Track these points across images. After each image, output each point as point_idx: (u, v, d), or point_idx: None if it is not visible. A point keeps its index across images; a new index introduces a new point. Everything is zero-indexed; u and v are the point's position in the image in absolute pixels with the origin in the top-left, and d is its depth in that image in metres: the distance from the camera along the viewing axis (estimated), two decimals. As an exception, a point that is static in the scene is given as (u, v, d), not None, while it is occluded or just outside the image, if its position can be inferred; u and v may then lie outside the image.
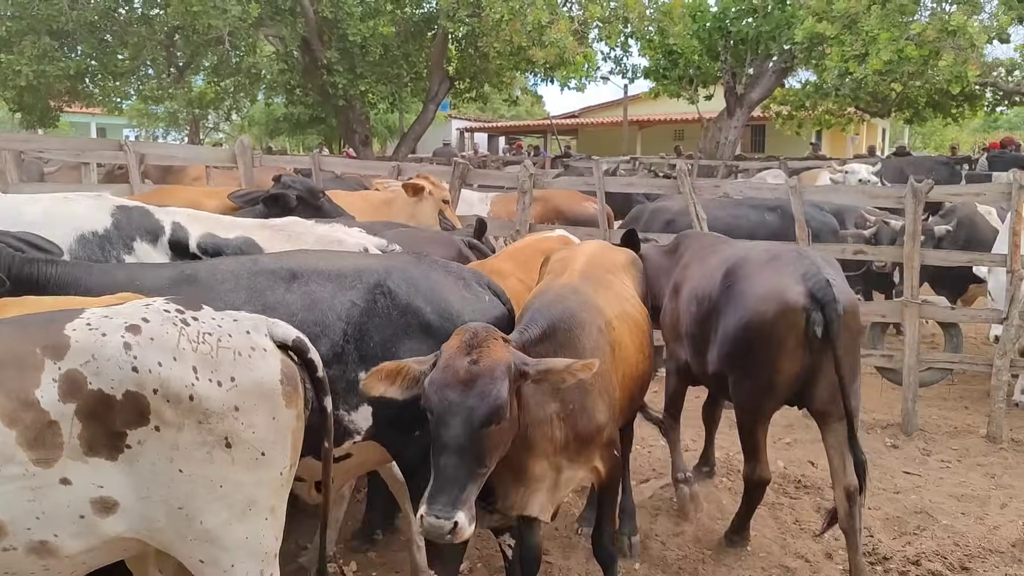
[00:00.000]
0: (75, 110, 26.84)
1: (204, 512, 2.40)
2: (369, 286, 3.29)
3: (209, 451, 2.37)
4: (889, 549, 4.60)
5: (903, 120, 22.74)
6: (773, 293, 4.15)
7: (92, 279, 3.29)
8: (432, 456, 2.84)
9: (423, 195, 6.60)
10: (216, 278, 3.29)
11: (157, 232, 4.15)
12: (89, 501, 2.29)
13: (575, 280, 3.82)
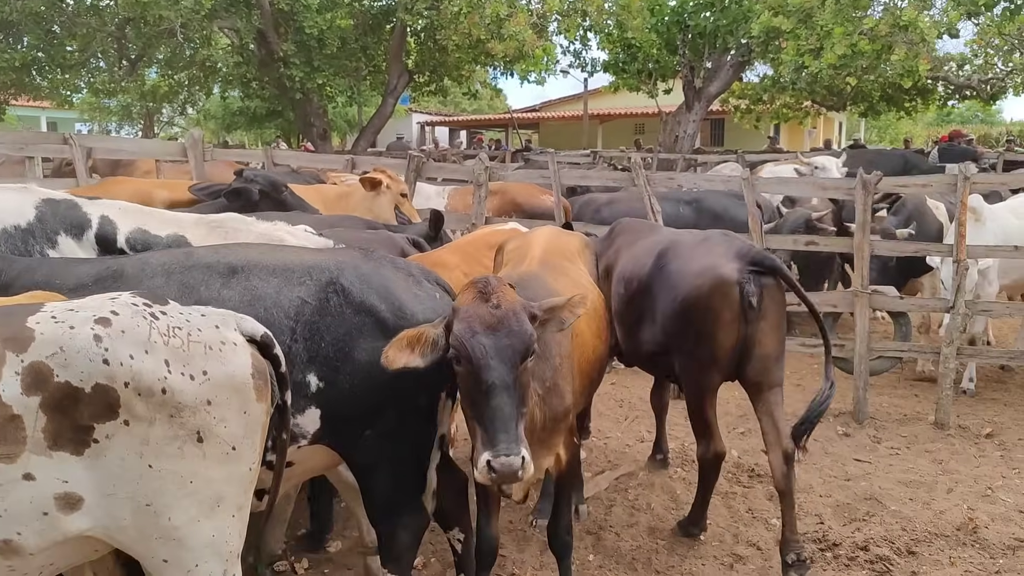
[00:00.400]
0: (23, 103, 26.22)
1: (172, 509, 2.33)
2: (321, 283, 3.15)
3: (180, 446, 2.32)
4: (839, 535, 4.66)
5: (858, 114, 23.06)
6: (708, 269, 4.33)
7: (12, 272, 3.16)
8: (476, 406, 2.88)
9: (380, 189, 6.52)
10: (145, 272, 3.12)
11: (83, 226, 3.96)
12: (53, 497, 2.22)
13: (534, 267, 3.85)
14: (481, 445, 2.84)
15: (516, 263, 3.96)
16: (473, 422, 2.97)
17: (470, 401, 2.95)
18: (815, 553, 4.49)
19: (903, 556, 4.45)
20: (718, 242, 4.55)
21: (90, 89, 22.73)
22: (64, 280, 3.12)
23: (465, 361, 2.88)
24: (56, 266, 3.30)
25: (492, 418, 2.81)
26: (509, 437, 2.77)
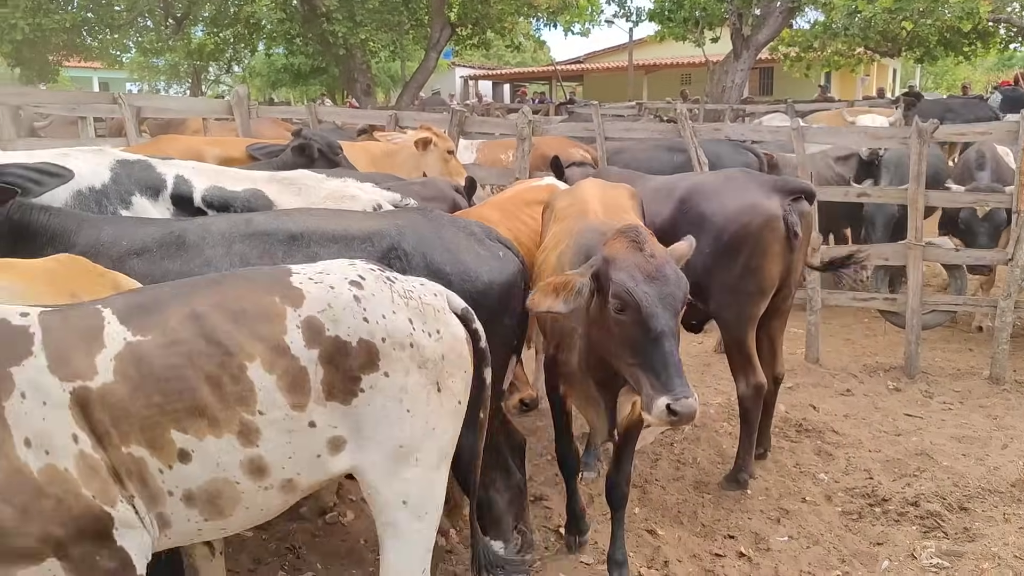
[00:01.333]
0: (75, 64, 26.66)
1: (418, 452, 2.54)
2: (382, 249, 3.17)
3: (427, 396, 2.53)
4: (888, 490, 4.62)
5: (914, 60, 22.28)
6: (753, 206, 4.50)
7: (80, 232, 3.19)
8: (643, 353, 2.92)
9: (429, 147, 6.49)
10: (206, 241, 3.15)
11: (158, 186, 3.92)
12: (326, 441, 2.43)
13: (607, 219, 3.80)
14: (653, 391, 2.87)
15: (579, 215, 3.90)
16: (635, 369, 2.96)
17: (635, 349, 2.95)
18: (864, 508, 4.46)
19: (955, 512, 4.39)
20: (749, 178, 4.79)
21: (138, 48, 23.03)
22: (130, 241, 3.16)
23: (632, 310, 2.91)
24: (122, 226, 3.31)
25: (665, 364, 2.87)
26: (682, 380, 2.85)
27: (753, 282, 4.49)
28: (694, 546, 4.11)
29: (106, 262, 3.00)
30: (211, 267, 3.03)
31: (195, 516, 2.34)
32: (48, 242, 3.10)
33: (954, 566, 3.91)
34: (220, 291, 2.42)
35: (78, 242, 3.13)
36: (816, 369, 6.74)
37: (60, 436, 2.13)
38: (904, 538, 4.16)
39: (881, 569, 3.90)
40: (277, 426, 2.34)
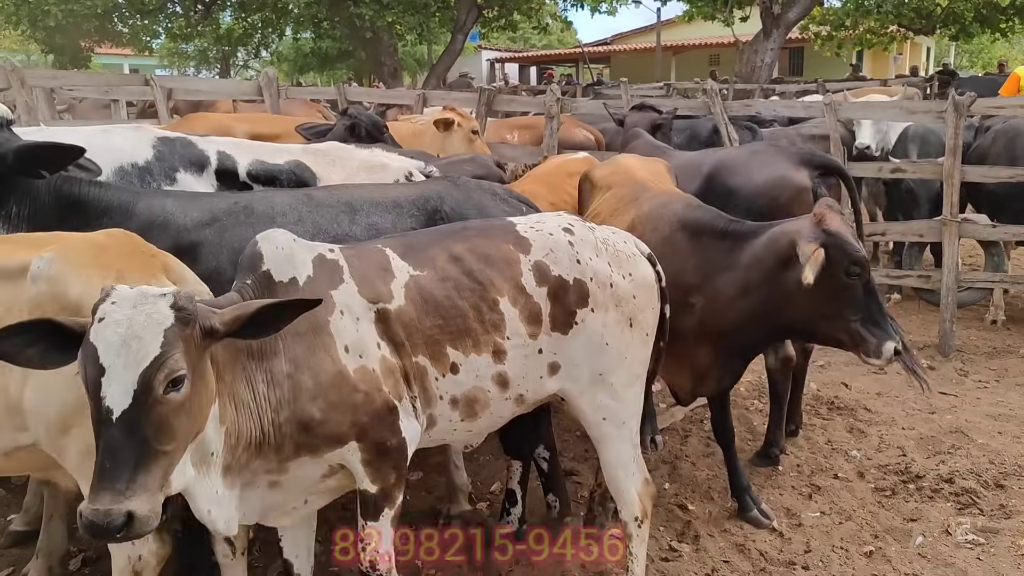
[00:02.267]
0: (106, 50, 26.95)
1: (615, 374, 3.02)
2: (428, 212, 3.50)
3: (622, 328, 3.01)
4: (923, 467, 4.57)
5: (948, 37, 21.83)
6: (783, 179, 4.51)
7: (139, 204, 3.21)
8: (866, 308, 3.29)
9: (452, 128, 6.51)
10: (276, 210, 3.30)
11: (202, 162, 3.95)
12: (547, 365, 2.95)
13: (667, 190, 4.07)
14: (878, 339, 3.25)
15: (631, 185, 4.08)
16: (856, 324, 3.29)
17: (858, 307, 3.29)
18: (897, 485, 4.42)
19: (990, 489, 4.34)
20: (776, 152, 4.85)
21: (168, 34, 23.21)
22: (199, 212, 3.21)
23: (865, 271, 3.27)
24: (185, 198, 3.37)
25: (883, 315, 3.30)
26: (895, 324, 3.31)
27: None
28: (725, 521, 4.10)
29: (177, 231, 3.10)
30: None
31: (455, 417, 2.85)
32: (103, 213, 3.12)
33: (990, 542, 3.87)
34: (467, 239, 2.94)
35: (139, 213, 3.15)
36: (848, 348, 6.67)
37: (370, 344, 2.61)
38: (938, 515, 4.12)
39: (915, 545, 3.86)
40: (518, 350, 2.86)
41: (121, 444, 1.99)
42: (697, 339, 3.63)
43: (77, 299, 2.41)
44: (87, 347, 2.04)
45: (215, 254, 3.16)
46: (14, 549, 3.69)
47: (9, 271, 2.48)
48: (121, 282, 2.47)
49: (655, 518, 4.09)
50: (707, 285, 3.57)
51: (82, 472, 2.51)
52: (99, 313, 2.07)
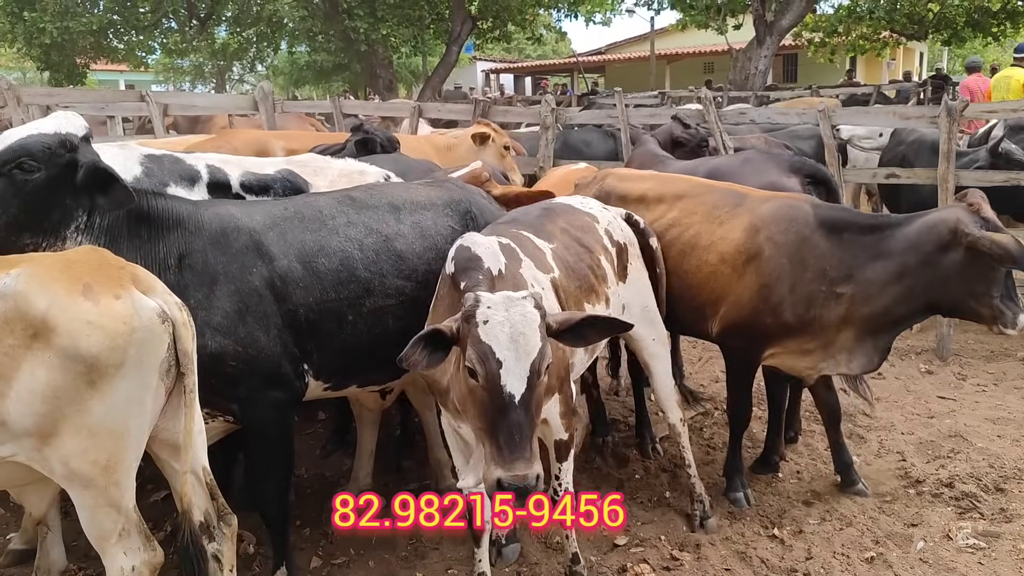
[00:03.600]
0: (102, 67, 27.00)
1: (651, 305, 4.06)
2: (461, 212, 3.83)
3: (640, 271, 4.03)
4: (922, 472, 4.57)
5: (941, 42, 21.98)
6: (774, 187, 4.54)
7: (206, 212, 3.27)
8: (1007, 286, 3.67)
9: (488, 142, 6.48)
10: (324, 214, 3.45)
11: (193, 176, 3.99)
12: (621, 306, 3.81)
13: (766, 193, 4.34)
14: (1012, 312, 3.64)
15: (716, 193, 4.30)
16: (996, 300, 3.65)
17: (1001, 283, 3.65)
18: (897, 490, 4.42)
19: (991, 493, 4.33)
20: (766, 159, 4.99)
21: (163, 50, 23.28)
22: (262, 217, 3.32)
23: (1012, 259, 3.52)
24: (242, 206, 3.46)
25: (1015, 292, 3.69)
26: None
27: None
28: (726, 529, 4.10)
29: (250, 233, 3.24)
30: (337, 235, 3.42)
31: (586, 361, 3.71)
32: (176, 224, 3.16)
33: (991, 546, 3.86)
34: (560, 216, 3.72)
35: (210, 220, 3.21)
36: (846, 353, 6.67)
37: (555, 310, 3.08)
38: (939, 519, 4.11)
39: (916, 550, 3.86)
40: (614, 297, 3.70)
41: (521, 422, 2.49)
42: (843, 324, 3.87)
43: (43, 313, 2.45)
44: (481, 347, 2.50)
45: (285, 254, 3.28)
46: (13, 568, 3.67)
47: None
48: (88, 294, 2.51)
49: (655, 526, 4.10)
50: (857, 275, 3.81)
51: (69, 479, 2.55)
52: (479, 317, 2.53)
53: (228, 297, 3.09)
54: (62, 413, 2.47)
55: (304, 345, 3.31)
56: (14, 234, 2.87)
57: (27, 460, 2.55)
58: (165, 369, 2.67)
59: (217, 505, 2.94)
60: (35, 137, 2.91)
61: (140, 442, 2.66)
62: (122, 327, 2.52)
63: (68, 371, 2.45)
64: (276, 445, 3.28)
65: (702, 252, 4.13)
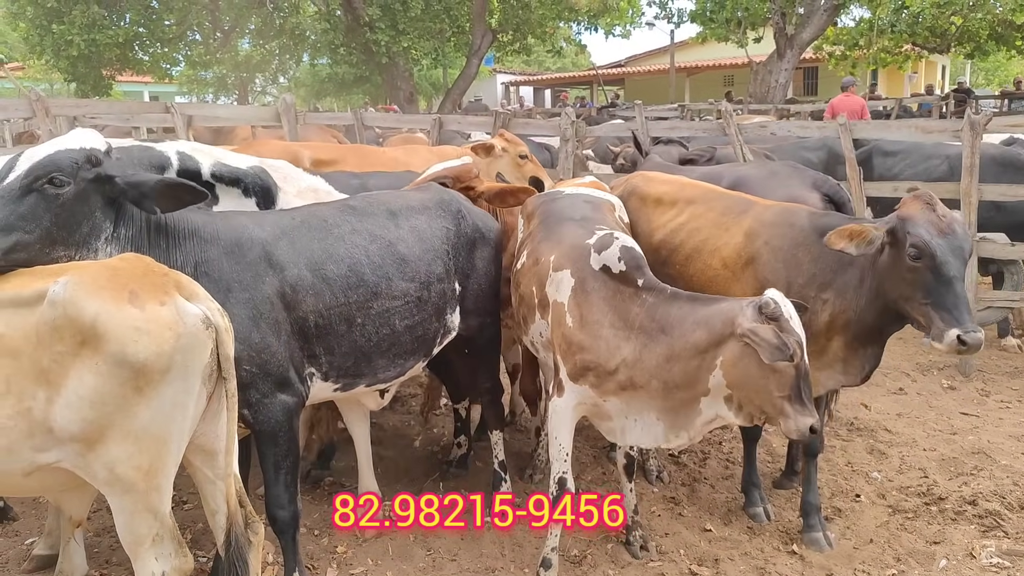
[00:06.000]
0: (127, 78, 27.36)
1: None
2: (453, 212, 3.98)
3: None
4: (945, 489, 4.52)
5: (963, 55, 21.82)
6: (796, 201, 4.48)
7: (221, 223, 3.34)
8: (935, 294, 3.46)
9: (494, 153, 6.30)
10: (328, 223, 3.54)
11: (163, 164, 4.00)
12: None
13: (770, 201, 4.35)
14: (945, 324, 3.41)
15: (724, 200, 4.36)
16: (928, 307, 3.47)
17: (927, 291, 3.46)
18: (919, 507, 4.37)
19: (1015, 511, 4.28)
20: (792, 172, 4.93)
21: (187, 62, 23.52)
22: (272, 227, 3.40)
23: (928, 258, 3.42)
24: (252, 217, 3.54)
25: (956, 303, 3.40)
26: (971, 317, 3.40)
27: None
28: (746, 544, 4.07)
29: (263, 243, 3.31)
30: (344, 242, 3.53)
31: None
32: (191, 233, 3.23)
33: (1015, 566, 3.81)
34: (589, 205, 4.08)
35: (224, 231, 3.29)
36: (867, 368, 6.62)
37: None
38: (962, 537, 4.06)
39: (939, 568, 3.81)
40: None
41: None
42: (830, 331, 3.83)
43: (92, 320, 2.48)
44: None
45: (295, 263, 3.36)
46: (37, 573, 3.71)
47: (27, 299, 2.55)
48: (135, 301, 2.54)
49: (674, 540, 4.07)
50: (836, 280, 3.80)
51: (110, 484, 2.57)
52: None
53: (242, 305, 3.16)
54: (109, 419, 2.50)
55: (313, 349, 3.41)
56: (48, 247, 2.90)
57: (71, 466, 2.58)
58: (207, 374, 2.70)
59: (245, 513, 2.96)
60: (63, 153, 2.95)
61: (181, 448, 2.69)
62: (168, 333, 2.55)
63: (116, 377, 2.48)
64: (286, 448, 3.34)
65: (707, 256, 4.16)
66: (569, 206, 4.13)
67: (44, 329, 2.49)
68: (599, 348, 3.39)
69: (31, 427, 2.50)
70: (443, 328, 3.92)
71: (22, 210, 2.84)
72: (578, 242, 3.64)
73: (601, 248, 3.51)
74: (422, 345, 3.81)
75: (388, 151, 7.09)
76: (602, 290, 3.44)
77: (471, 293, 4.02)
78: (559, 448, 3.56)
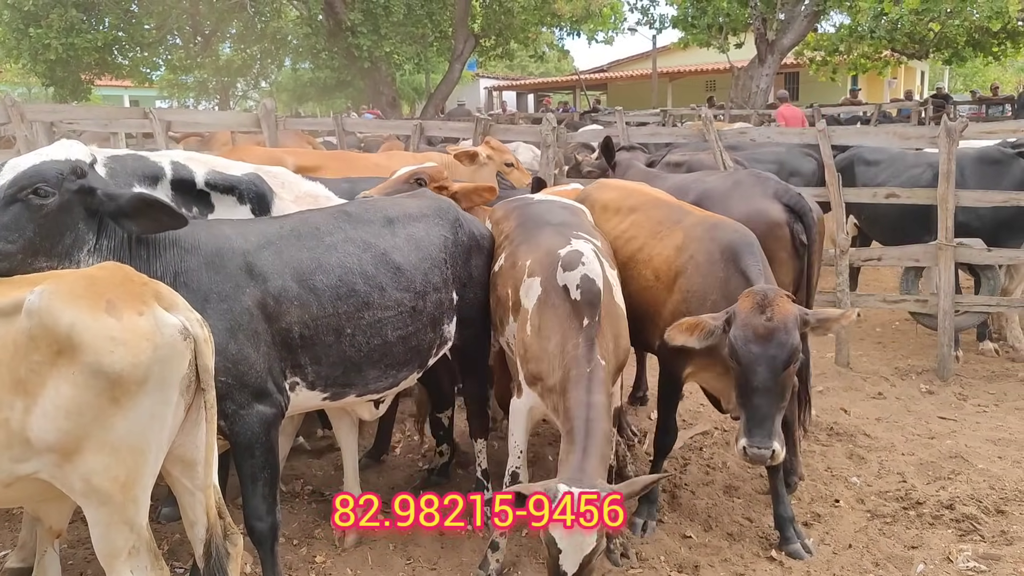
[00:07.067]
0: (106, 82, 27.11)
1: None
2: (450, 220, 3.96)
3: None
4: (923, 494, 4.55)
5: (942, 61, 22.00)
6: (758, 213, 4.54)
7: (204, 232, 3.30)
8: (741, 397, 3.46)
9: (479, 160, 6.24)
10: (321, 231, 3.51)
11: (156, 174, 3.98)
12: None
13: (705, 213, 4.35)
14: (740, 429, 3.45)
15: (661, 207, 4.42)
16: (738, 403, 3.50)
17: (738, 391, 3.49)
18: (897, 511, 4.40)
19: (991, 515, 4.31)
20: (755, 183, 4.86)
21: (168, 66, 23.37)
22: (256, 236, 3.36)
23: (735, 362, 3.42)
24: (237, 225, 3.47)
25: (752, 414, 3.40)
26: (763, 432, 3.37)
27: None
28: (726, 551, 4.07)
29: (244, 254, 3.28)
30: (336, 251, 3.49)
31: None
32: (171, 244, 3.20)
33: (991, 570, 3.84)
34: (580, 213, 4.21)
35: (206, 241, 3.25)
36: (846, 372, 6.68)
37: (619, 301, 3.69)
38: (939, 541, 4.09)
39: (916, 573, 3.84)
40: None
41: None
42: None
43: (68, 329, 2.46)
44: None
45: (279, 273, 3.32)
46: (10, 586, 3.66)
47: (5, 309, 2.53)
48: (112, 310, 2.51)
49: (654, 547, 4.07)
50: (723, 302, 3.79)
51: (87, 495, 2.54)
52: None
53: (220, 315, 3.13)
54: (85, 430, 2.48)
55: (298, 359, 3.37)
56: (30, 257, 2.89)
57: (48, 477, 2.55)
58: (186, 385, 2.68)
59: (224, 524, 2.93)
60: (48, 163, 2.94)
61: (159, 459, 2.67)
62: (145, 344, 2.53)
63: (92, 388, 2.46)
64: (263, 460, 3.30)
65: (641, 265, 4.20)
66: (547, 210, 4.16)
67: (21, 339, 2.47)
68: (543, 363, 3.46)
69: (9, 438, 2.48)
70: (439, 338, 3.88)
71: (5, 220, 2.83)
72: (552, 250, 3.65)
73: (567, 267, 3.51)
74: (416, 356, 3.77)
75: (370, 156, 7.09)
76: (560, 307, 3.46)
77: (467, 303, 4.00)
78: (514, 444, 3.70)
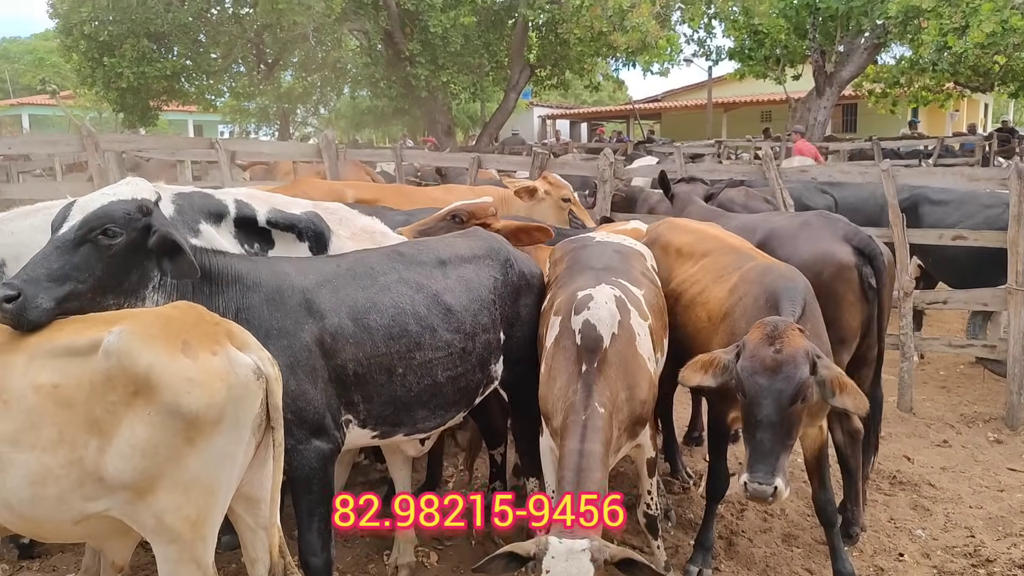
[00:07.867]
0: (172, 108, 27.98)
1: None
2: (501, 261, 3.99)
3: None
4: (993, 551, 4.38)
5: (1007, 94, 21.51)
6: (825, 255, 4.50)
7: (264, 270, 3.39)
8: (747, 430, 3.35)
9: (537, 196, 6.22)
10: (376, 271, 3.57)
11: (221, 212, 4.09)
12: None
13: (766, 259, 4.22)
14: (745, 465, 3.31)
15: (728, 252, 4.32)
16: (747, 437, 3.38)
17: (744, 425, 3.40)
18: (966, 569, 4.25)
19: (1066, 576, 4.14)
20: (823, 224, 4.77)
21: (231, 93, 23.99)
22: (315, 275, 3.45)
23: (741, 394, 3.34)
24: (296, 264, 3.57)
25: (756, 448, 3.27)
26: (766, 468, 3.22)
27: (832, 332, 4.16)
28: (783, 603, 3.97)
29: (304, 291, 3.36)
30: (389, 292, 3.54)
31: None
32: (235, 280, 3.30)
33: (1067, 635, 3.68)
34: (633, 258, 4.14)
35: (267, 278, 3.34)
36: (910, 418, 6.49)
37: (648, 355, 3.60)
38: (1011, 603, 3.94)
39: (987, 635, 3.69)
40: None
41: None
42: None
43: (146, 370, 2.50)
44: None
45: (336, 311, 3.38)
46: (72, 612, 3.73)
47: (80, 348, 2.58)
48: (187, 351, 2.56)
49: (711, 598, 3.98)
50: None
51: (157, 533, 2.58)
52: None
53: (280, 352, 3.16)
54: (160, 469, 2.51)
55: (351, 397, 3.41)
56: (99, 296, 2.96)
57: (119, 514, 2.59)
58: (257, 424, 2.72)
59: (284, 563, 2.96)
60: (116, 204, 3.02)
61: (228, 497, 2.70)
62: (220, 384, 2.57)
63: (168, 428, 2.50)
64: (319, 495, 3.33)
65: (699, 308, 4.15)
66: (597, 254, 4.11)
67: (98, 379, 2.52)
68: (549, 403, 3.46)
69: (82, 476, 2.52)
70: (486, 378, 3.89)
71: (76, 260, 2.90)
72: (574, 292, 3.62)
73: (577, 310, 3.48)
74: (464, 396, 3.79)
75: (428, 190, 7.17)
76: (569, 350, 3.43)
77: (515, 342, 4.00)
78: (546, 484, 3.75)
